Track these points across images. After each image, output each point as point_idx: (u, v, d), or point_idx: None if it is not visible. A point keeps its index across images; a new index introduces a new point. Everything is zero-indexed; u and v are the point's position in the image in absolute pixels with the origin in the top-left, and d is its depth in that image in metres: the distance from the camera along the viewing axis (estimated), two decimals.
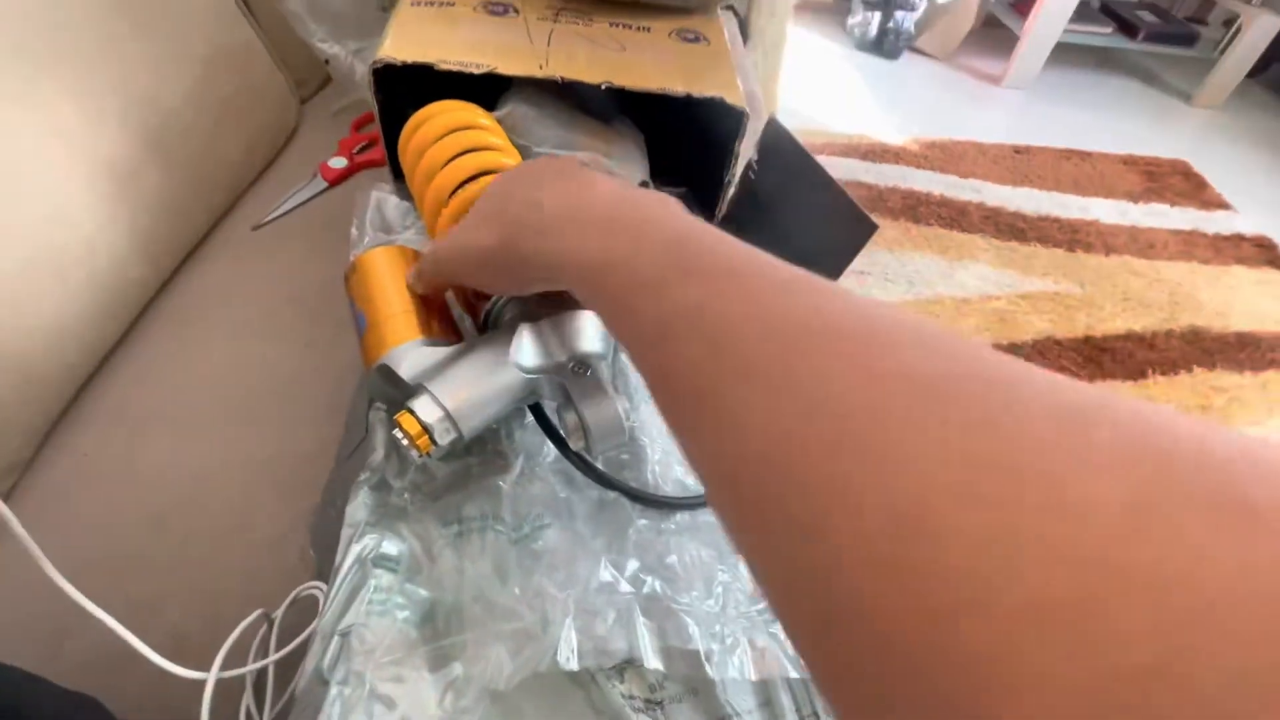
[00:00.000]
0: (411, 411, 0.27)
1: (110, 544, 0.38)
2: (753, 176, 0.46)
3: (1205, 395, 1.14)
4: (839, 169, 1.54)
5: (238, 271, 0.55)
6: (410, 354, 0.29)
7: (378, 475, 0.31)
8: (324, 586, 0.32)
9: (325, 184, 0.63)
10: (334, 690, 0.25)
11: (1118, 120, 1.92)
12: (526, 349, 0.29)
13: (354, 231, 0.42)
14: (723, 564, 0.30)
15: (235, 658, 0.30)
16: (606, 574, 0.29)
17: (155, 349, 0.49)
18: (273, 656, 0.31)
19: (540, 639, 0.26)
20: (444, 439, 0.27)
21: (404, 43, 0.40)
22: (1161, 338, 1.24)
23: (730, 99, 0.42)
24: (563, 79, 0.41)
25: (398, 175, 0.46)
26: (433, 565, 0.29)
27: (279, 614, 0.32)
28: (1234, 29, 1.97)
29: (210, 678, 0.28)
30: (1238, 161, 1.82)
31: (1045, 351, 1.17)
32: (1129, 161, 1.73)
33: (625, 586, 0.29)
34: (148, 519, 0.39)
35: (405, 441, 0.27)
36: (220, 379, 0.47)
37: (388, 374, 0.29)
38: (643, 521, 0.31)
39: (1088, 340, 1.21)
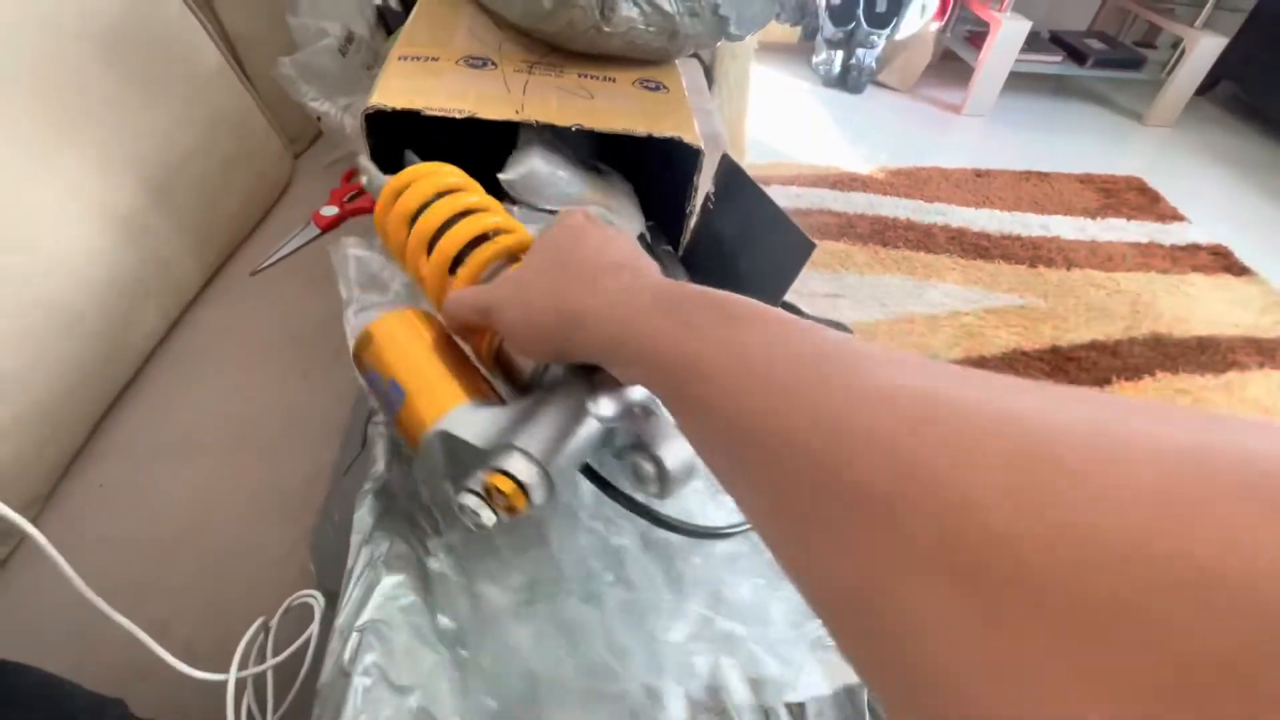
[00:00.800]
0: (504, 472, 0.26)
1: (126, 568, 0.41)
2: (710, 207, 0.51)
3: (1170, 398, 1.19)
4: (810, 199, 1.61)
5: (238, 313, 0.59)
6: (467, 417, 0.29)
7: (380, 483, 0.34)
8: (318, 595, 0.34)
9: (318, 230, 0.67)
10: (356, 682, 0.27)
11: (1073, 142, 2.02)
12: (604, 399, 0.29)
13: (342, 292, 0.42)
14: (775, 589, 0.32)
15: (240, 662, 0.32)
16: (681, 622, 0.30)
17: (164, 386, 0.52)
18: (273, 660, 0.33)
19: (639, 698, 0.28)
20: (540, 496, 0.27)
21: (393, 91, 0.45)
22: (1125, 345, 1.29)
23: (687, 138, 0.47)
24: (537, 121, 0.46)
25: None
26: (495, 636, 0.30)
27: (275, 621, 0.34)
28: (1178, 52, 2.09)
29: (230, 678, 0.31)
30: (1191, 175, 1.91)
31: (1014, 363, 1.22)
32: (1085, 180, 1.81)
33: (703, 630, 0.30)
34: (160, 544, 0.42)
35: (480, 507, 0.27)
36: (224, 411, 0.50)
37: (450, 441, 0.28)
38: (697, 560, 0.32)
39: (1054, 350, 1.26)
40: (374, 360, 0.32)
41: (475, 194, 0.37)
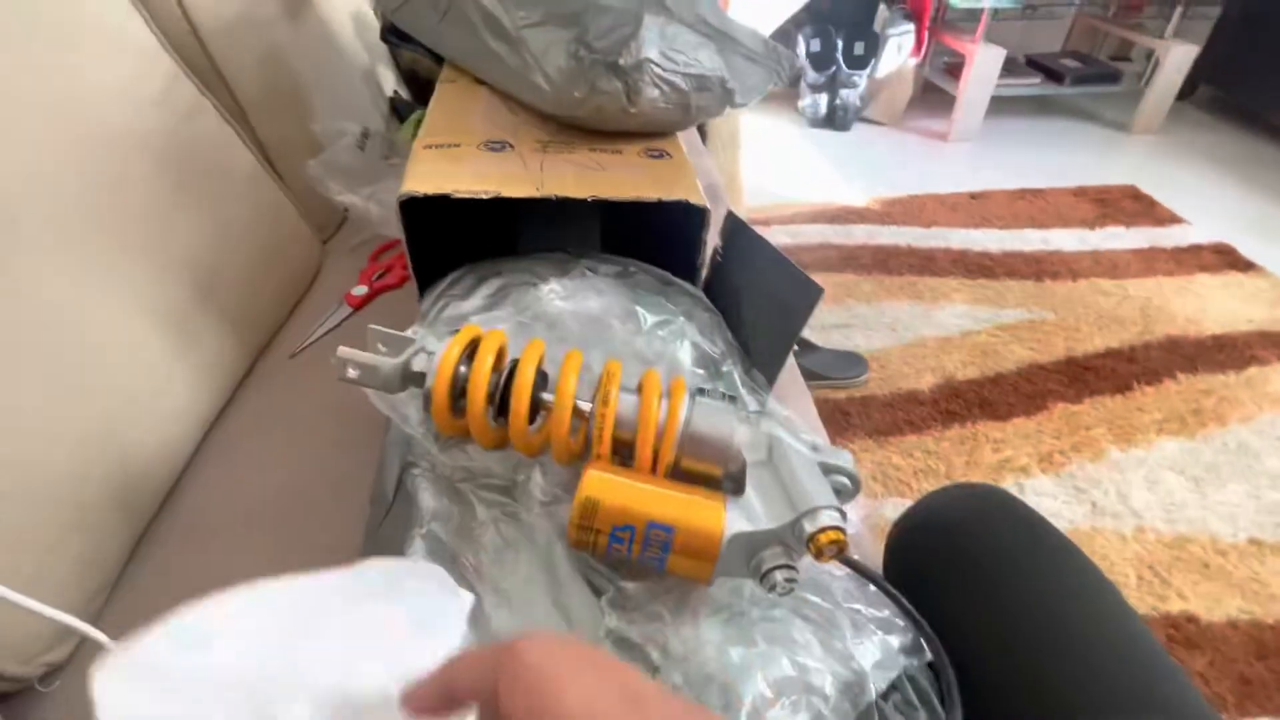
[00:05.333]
0: (832, 528, 0.29)
1: None
2: (719, 259, 0.54)
3: (1194, 400, 1.19)
4: (810, 235, 1.66)
5: (280, 394, 0.63)
6: (739, 514, 0.31)
7: (426, 527, 0.37)
8: None
9: (350, 310, 0.71)
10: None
11: (1063, 156, 2.06)
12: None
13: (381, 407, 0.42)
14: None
15: None
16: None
17: (217, 465, 0.55)
18: None
19: None
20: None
21: (424, 178, 0.49)
22: (1141, 350, 1.30)
23: (694, 200, 0.50)
24: (557, 196, 0.49)
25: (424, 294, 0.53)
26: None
27: None
28: (1152, 63, 2.15)
29: None
30: (1183, 178, 1.94)
31: (1031, 377, 1.23)
32: (1079, 192, 1.85)
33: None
34: None
35: (790, 575, 0.30)
36: (274, 485, 0.53)
37: (743, 538, 0.31)
38: (756, 612, 0.34)
39: (1070, 361, 1.26)
40: (615, 517, 0.32)
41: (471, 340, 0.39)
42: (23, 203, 0.46)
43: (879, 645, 0.32)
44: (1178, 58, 2.08)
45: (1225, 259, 1.57)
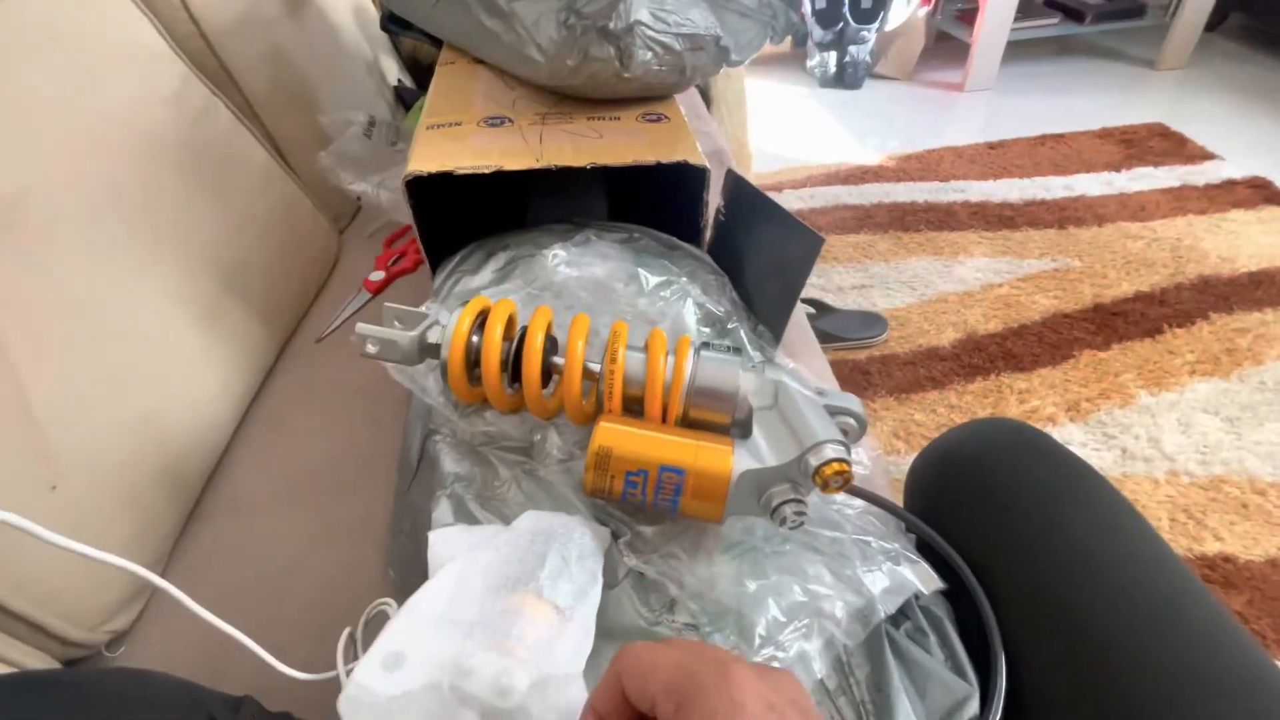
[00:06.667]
0: (836, 460, 0.30)
1: (243, 606, 0.46)
2: (722, 219, 0.55)
3: (1229, 339, 1.16)
4: (824, 197, 1.64)
5: (309, 376, 0.65)
6: (748, 453, 0.33)
7: (450, 488, 0.39)
8: (392, 602, 0.38)
9: (369, 295, 0.74)
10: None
11: (1086, 99, 1.99)
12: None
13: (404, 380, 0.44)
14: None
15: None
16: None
17: (255, 446, 0.59)
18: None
19: None
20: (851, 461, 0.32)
21: (427, 158, 0.50)
22: (1172, 292, 1.26)
23: (693, 160, 0.51)
24: (556, 166, 0.50)
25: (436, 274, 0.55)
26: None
27: (360, 631, 0.38)
28: None
29: (340, 673, 0.34)
30: (1214, 113, 1.86)
31: (1056, 326, 1.21)
32: (1104, 135, 1.79)
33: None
34: (269, 580, 0.48)
35: (799, 510, 0.31)
36: (309, 461, 0.56)
37: (753, 475, 0.32)
38: (768, 547, 0.35)
39: (1097, 309, 1.24)
40: (628, 464, 0.33)
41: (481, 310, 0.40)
42: (60, 208, 0.48)
43: (888, 573, 0.33)
44: None
45: (1261, 193, 1.51)
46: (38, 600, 0.40)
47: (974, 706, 0.30)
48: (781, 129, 1.99)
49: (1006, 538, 0.36)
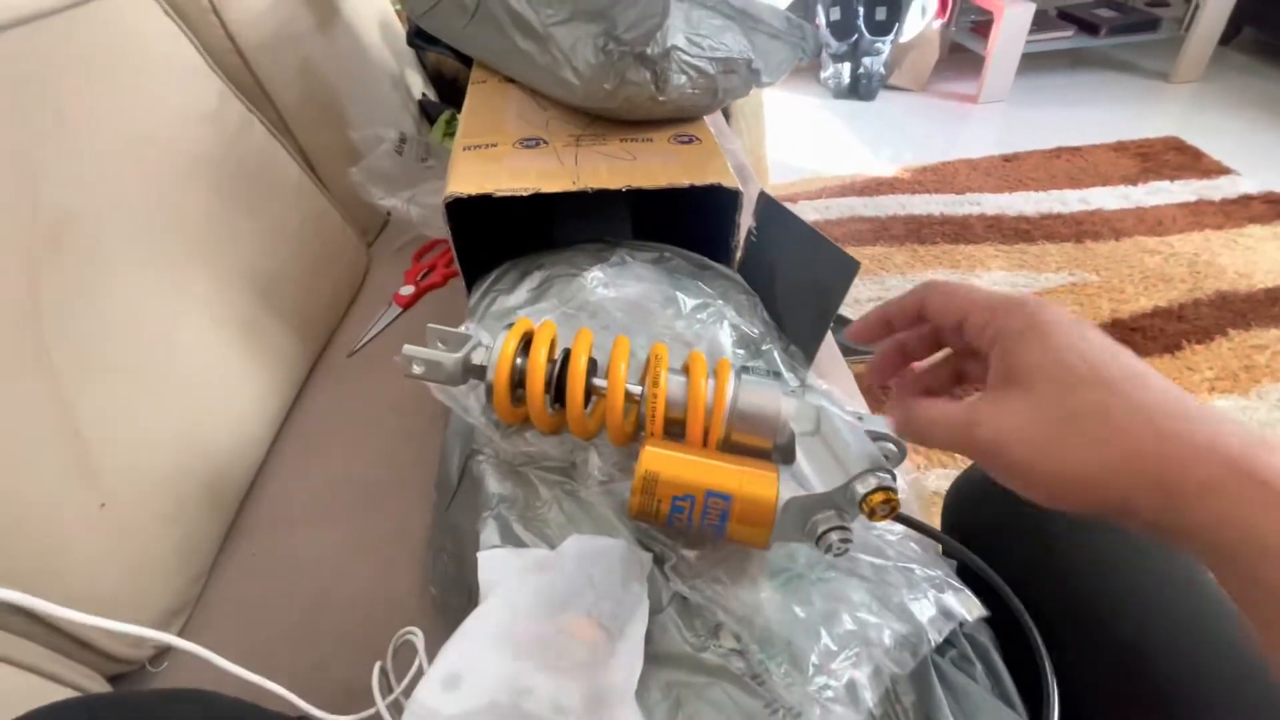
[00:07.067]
0: (883, 489, 0.30)
1: (284, 621, 0.47)
2: (754, 240, 0.55)
3: (1246, 356, 1.15)
4: (840, 209, 1.64)
5: (342, 391, 0.66)
6: (791, 480, 0.32)
7: (495, 509, 0.39)
8: (418, 631, 0.38)
9: (399, 309, 0.75)
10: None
11: (1101, 111, 1.99)
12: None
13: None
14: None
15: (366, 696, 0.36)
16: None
17: (290, 462, 0.59)
18: (398, 690, 0.37)
19: None
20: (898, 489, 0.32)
21: (466, 179, 0.51)
22: (1190, 308, 1.26)
23: (726, 183, 0.51)
24: (592, 189, 0.51)
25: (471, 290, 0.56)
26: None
27: (389, 662, 0.38)
28: (1192, 6, 2.05)
29: (381, 708, 0.35)
30: (1229, 127, 1.86)
31: None
32: (1120, 148, 1.79)
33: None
34: (310, 595, 0.48)
35: (844, 536, 0.31)
36: (344, 477, 0.57)
37: (799, 501, 0.32)
38: (813, 574, 0.36)
39: (1115, 324, 1.24)
40: (675, 488, 0.33)
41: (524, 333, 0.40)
42: (106, 228, 0.49)
43: (934, 601, 0.33)
44: (1219, 0, 1.98)
45: (1276, 209, 1.51)
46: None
47: None
48: (796, 140, 2.00)
49: (1049, 564, 0.36)
